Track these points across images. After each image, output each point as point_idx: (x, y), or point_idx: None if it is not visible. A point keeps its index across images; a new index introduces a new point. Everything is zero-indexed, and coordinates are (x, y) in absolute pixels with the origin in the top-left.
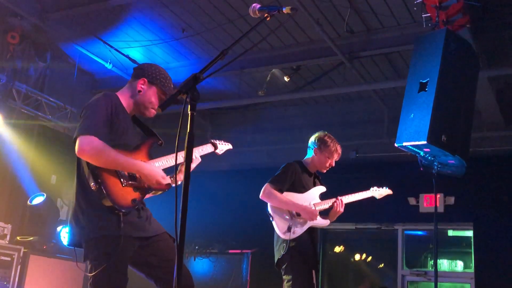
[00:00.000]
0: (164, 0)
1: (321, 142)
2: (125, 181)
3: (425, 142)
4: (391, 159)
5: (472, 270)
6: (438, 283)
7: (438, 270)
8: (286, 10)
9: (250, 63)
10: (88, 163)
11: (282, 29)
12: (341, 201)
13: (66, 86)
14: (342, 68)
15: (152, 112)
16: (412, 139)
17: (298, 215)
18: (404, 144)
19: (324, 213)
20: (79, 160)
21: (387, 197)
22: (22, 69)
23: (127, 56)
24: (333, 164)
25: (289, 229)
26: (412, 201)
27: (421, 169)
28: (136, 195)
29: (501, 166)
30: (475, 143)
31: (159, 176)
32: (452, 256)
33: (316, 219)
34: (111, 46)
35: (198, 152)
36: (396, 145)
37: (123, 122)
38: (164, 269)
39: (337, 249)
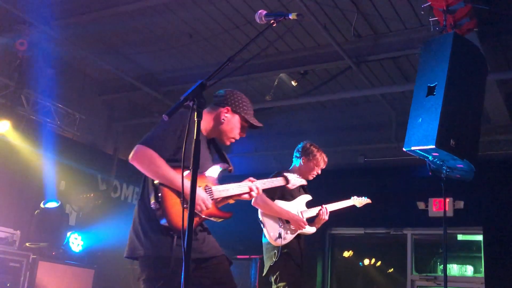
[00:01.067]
0: (171, 6)
1: (308, 151)
2: (185, 204)
3: (433, 147)
4: (399, 163)
5: (482, 274)
6: None
7: (447, 275)
8: (292, 16)
9: (257, 68)
10: (153, 181)
11: (289, 34)
12: (326, 209)
13: (75, 92)
14: (349, 73)
15: (232, 141)
16: (421, 143)
17: (288, 222)
18: (413, 148)
19: (310, 221)
20: (145, 178)
21: (396, 201)
22: (30, 75)
23: (135, 62)
24: (319, 172)
25: (280, 236)
26: (421, 205)
27: (430, 173)
28: (196, 219)
29: (511, 169)
30: (484, 147)
31: (199, 199)
32: (462, 261)
33: (304, 227)
34: (119, 52)
35: (266, 184)
36: (404, 149)
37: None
38: None
39: (346, 253)
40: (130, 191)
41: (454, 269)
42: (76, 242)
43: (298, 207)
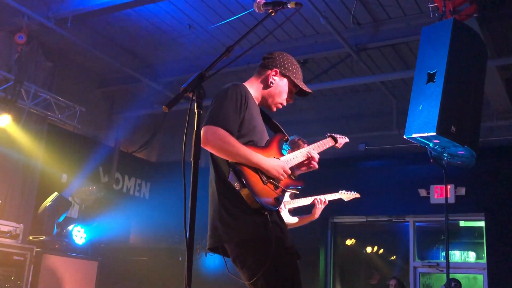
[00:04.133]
0: None
1: (295, 145)
2: (265, 179)
3: (434, 134)
4: (400, 151)
5: (484, 260)
6: (451, 274)
7: (450, 261)
8: (290, 5)
9: (256, 58)
10: (228, 162)
11: (288, 22)
12: (321, 200)
13: (75, 85)
14: (349, 61)
15: (279, 107)
16: (421, 130)
17: None
18: (413, 135)
19: (296, 211)
20: (213, 158)
21: (397, 189)
22: (30, 69)
23: (134, 54)
24: None
25: None
26: (422, 192)
27: (431, 160)
28: (277, 193)
29: None
30: (485, 133)
31: (279, 167)
32: (464, 247)
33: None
34: (118, 44)
35: (319, 147)
36: (405, 137)
37: (253, 116)
38: None
39: (349, 242)
40: (132, 183)
41: (456, 255)
42: (79, 234)
43: None
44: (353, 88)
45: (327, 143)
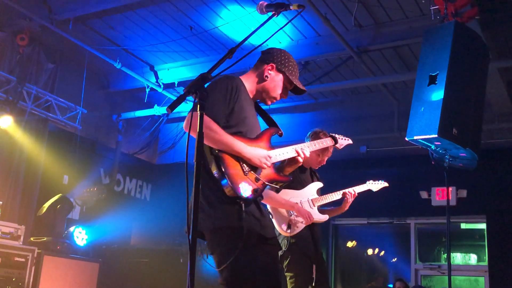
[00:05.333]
0: None
1: (314, 138)
2: (247, 169)
3: (436, 136)
4: (402, 153)
5: (486, 263)
6: (452, 277)
7: (451, 263)
8: (293, 7)
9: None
10: (211, 149)
11: (290, 24)
12: (352, 192)
13: (76, 86)
14: (351, 63)
15: (273, 101)
16: (423, 132)
17: None
18: (415, 137)
19: (324, 207)
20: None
21: (398, 191)
22: (32, 70)
23: (136, 56)
24: (324, 163)
25: (289, 227)
26: (424, 194)
27: (433, 162)
28: (257, 185)
29: None
30: (487, 135)
31: (261, 156)
32: (465, 249)
33: (310, 220)
34: (120, 46)
35: (317, 146)
36: (407, 139)
37: (244, 108)
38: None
39: (350, 244)
40: (133, 185)
41: (457, 257)
42: (80, 236)
43: (308, 195)
44: (355, 90)
45: (326, 142)
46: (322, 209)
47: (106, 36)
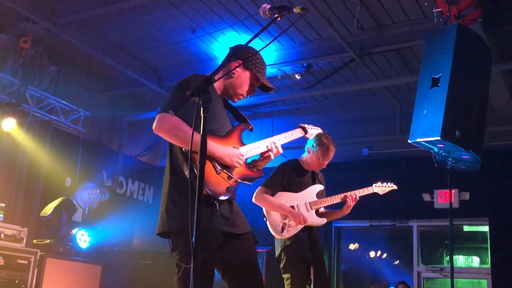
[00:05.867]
0: (174, 1)
1: (320, 142)
2: (219, 168)
3: (438, 138)
4: (404, 155)
5: (488, 265)
6: (455, 279)
7: (454, 266)
8: (296, 10)
9: None
10: (182, 150)
11: (293, 27)
12: (353, 196)
13: (79, 89)
14: (353, 65)
15: (240, 98)
16: (426, 135)
17: None
18: (418, 140)
19: (329, 208)
20: (171, 149)
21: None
22: (34, 73)
23: (138, 58)
24: (324, 166)
25: (282, 229)
26: (426, 197)
27: (435, 165)
28: (230, 183)
29: None
30: (489, 138)
31: (233, 155)
32: (468, 252)
33: (304, 223)
34: (122, 48)
35: (287, 138)
36: (409, 141)
37: (212, 105)
38: (243, 271)
39: (352, 246)
40: (136, 187)
41: (460, 260)
42: (83, 238)
43: (306, 197)
44: (357, 93)
45: (296, 133)
46: (323, 211)
47: (108, 39)
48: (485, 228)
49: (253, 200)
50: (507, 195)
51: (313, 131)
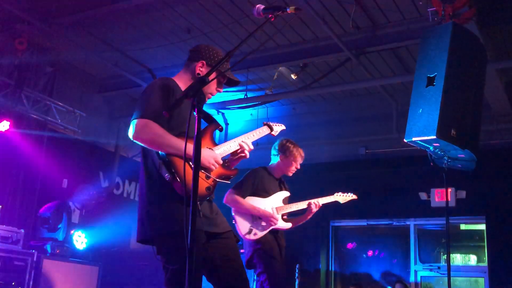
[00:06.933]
0: (169, 1)
1: (285, 148)
2: (201, 169)
3: (434, 137)
4: (401, 154)
5: (485, 263)
6: (452, 278)
7: (451, 264)
8: (290, 10)
9: (256, 62)
10: (158, 154)
11: (288, 27)
12: (316, 203)
13: (75, 90)
14: (349, 65)
15: (210, 97)
16: (421, 134)
17: (260, 218)
18: (414, 139)
19: (292, 215)
20: (145, 153)
21: (398, 192)
22: (30, 74)
23: (134, 59)
24: (298, 167)
25: (250, 231)
26: (423, 196)
27: (431, 164)
28: (208, 182)
29: None
30: (485, 136)
31: (210, 157)
32: (465, 250)
33: (275, 223)
34: (118, 49)
35: (255, 136)
36: (405, 140)
37: (182, 108)
38: (226, 269)
39: (349, 246)
40: (132, 188)
41: (457, 258)
42: (80, 239)
43: (273, 203)
44: (353, 92)
45: (262, 131)
46: (289, 218)
47: (104, 40)
48: (482, 227)
49: (224, 201)
50: (503, 193)
51: (278, 128)
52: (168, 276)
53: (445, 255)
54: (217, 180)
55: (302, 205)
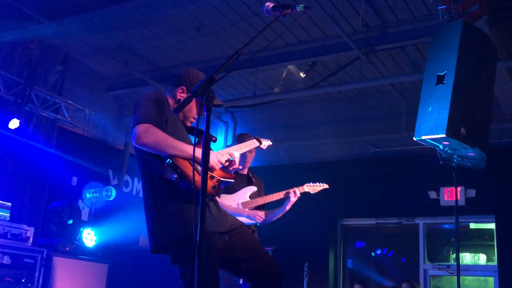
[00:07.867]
0: (178, 0)
1: (242, 139)
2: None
3: (444, 135)
4: (410, 153)
5: (495, 263)
6: (461, 277)
7: (460, 263)
8: (299, 8)
9: (265, 61)
10: (160, 158)
11: (297, 25)
12: (295, 192)
13: (84, 88)
14: (358, 63)
15: (193, 121)
16: (431, 132)
17: None
18: (423, 137)
19: (260, 208)
20: (144, 160)
21: (407, 191)
22: (40, 73)
23: (143, 57)
24: (249, 164)
25: None
26: (432, 194)
27: (441, 162)
28: (213, 182)
29: None
30: (495, 135)
31: (213, 156)
32: (474, 249)
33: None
34: (127, 48)
35: (243, 148)
36: (415, 138)
37: (174, 120)
38: (252, 260)
39: (358, 244)
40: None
41: (467, 257)
42: (89, 237)
43: (239, 198)
44: (362, 90)
45: (252, 144)
46: (267, 211)
47: (113, 38)
48: (492, 226)
49: None
50: None
51: (266, 142)
52: (186, 282)
53: (454, 254)
54: (221, 179)
55: (278, 195)
